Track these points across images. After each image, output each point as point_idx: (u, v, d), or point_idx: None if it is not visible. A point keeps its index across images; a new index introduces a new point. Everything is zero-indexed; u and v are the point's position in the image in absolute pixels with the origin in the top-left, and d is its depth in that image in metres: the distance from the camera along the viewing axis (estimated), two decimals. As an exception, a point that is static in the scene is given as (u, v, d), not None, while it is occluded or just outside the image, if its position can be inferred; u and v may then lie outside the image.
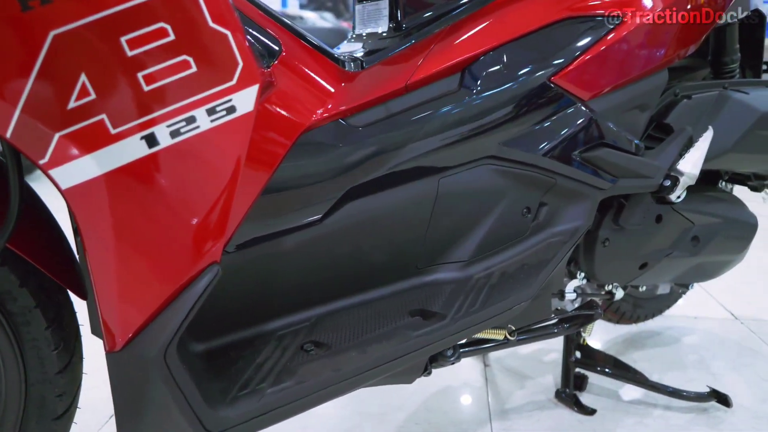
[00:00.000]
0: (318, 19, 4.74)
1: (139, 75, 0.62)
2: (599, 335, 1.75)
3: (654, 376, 1.48)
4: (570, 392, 1.40)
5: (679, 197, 1.13)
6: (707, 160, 1.18)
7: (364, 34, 1.13)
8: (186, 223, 0.68)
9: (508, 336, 1.06)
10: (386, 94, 0.94)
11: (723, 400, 1.37)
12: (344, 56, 0.97)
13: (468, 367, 1.57)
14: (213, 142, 0.67)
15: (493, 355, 1.62)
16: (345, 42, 1.17)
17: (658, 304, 1.67)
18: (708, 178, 1.42)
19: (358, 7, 1.15)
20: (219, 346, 0.87)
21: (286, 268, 0.91)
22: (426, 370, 0.98)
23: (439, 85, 0.97)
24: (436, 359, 0.99)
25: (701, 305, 1.99)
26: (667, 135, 1.17)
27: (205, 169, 0.68)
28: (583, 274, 1.22)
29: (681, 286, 1.55)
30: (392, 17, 1.07)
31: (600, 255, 1.18)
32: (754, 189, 1.46)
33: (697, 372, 1.57)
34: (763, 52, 1.48)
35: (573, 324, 1.18)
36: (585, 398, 1.41)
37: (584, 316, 1.19)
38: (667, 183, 1.11)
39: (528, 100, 1.01)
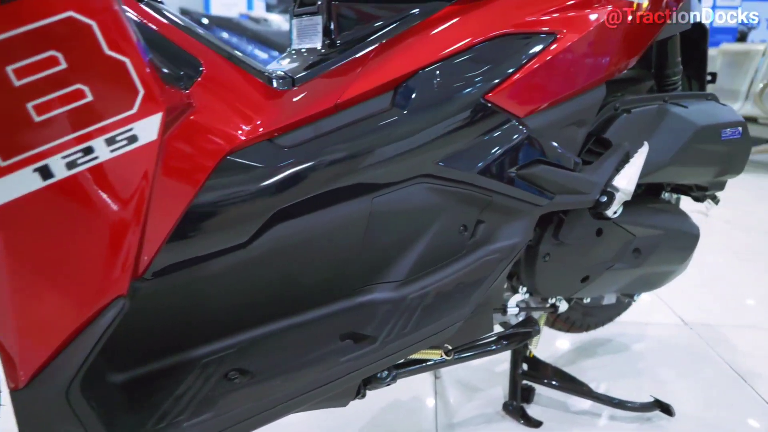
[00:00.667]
0: (283, 22, 4.68)
1: (29, 105, 0.59)
2: (551, 341, 1.76)
3: (602, 385, 1.49)
4: (517, 405, 1.40)
5: (615, 213, 1.13)
6: (647, 173, 1.18)
7: (302, 50, 1.11)
8: (87, 256, 0.65)
9: (445, 355, 1.05)
10: (316, 114, 0.92)
11: (666, 409, 1.38)
12: (273, 73, 0.95)
13: (419, 379, 1.56)
14: (114, 173, 0.64)
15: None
16: (282, 56, 1.15)
17: (607, 313, 1.69)
18: (651, 189, 1.44)
19: (294, 21, 1.12)
20: (140, 375, 0.84)
21: (212, 293, 0.88)
22: (359, 394, 0.97)
23: (371, 103, 0.95)
24: (371, 381, 0.98)
25: (652, 311, 2.01)
26: (607, 150, 1.17)
27: (106, 201, 0.65)
28: (525, 289, 1.22)
29: (626, 296, 1.57)
30: (326, 33, 1.05)
31: (541, 270, 1.18)
32: (696, 199, 1.47)
33: (645, 380, 1.58)
34: (707, 64, 1.51)
35: (511, 341, 1.18)
36: (532, 410, 1.41)
37: (522, 333, 1.18)
38: (603, 199, 1.11)
39: (462, 118, 0.99)
